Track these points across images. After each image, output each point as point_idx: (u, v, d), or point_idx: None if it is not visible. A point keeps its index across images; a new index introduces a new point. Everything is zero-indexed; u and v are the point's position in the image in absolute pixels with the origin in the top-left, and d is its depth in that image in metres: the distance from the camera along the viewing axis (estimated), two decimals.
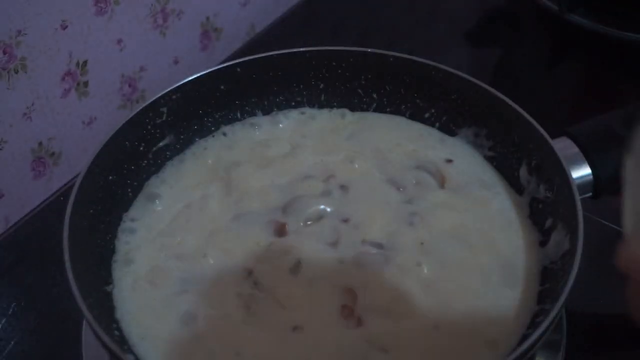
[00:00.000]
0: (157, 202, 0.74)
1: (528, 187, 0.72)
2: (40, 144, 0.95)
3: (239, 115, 0.82)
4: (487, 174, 0.75)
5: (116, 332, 0.62)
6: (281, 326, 0.62)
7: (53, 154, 0.97)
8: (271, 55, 0.80)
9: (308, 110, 0.83)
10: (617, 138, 0.70)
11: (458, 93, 0.78)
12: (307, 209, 0.71)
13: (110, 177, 0.71)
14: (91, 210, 0.68)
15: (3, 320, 0.77)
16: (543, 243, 0.68)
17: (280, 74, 0.81)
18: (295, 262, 0.67)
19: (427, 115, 0.81)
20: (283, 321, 0.63)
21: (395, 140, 0.79)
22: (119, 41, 1.00)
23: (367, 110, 0.83)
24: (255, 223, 0.70)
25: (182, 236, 0.70)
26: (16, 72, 0.88)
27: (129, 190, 0.74)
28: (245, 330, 0.62)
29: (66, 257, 0.61)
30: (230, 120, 0.81)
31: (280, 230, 0.70)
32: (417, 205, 0.72)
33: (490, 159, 0.77)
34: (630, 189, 0.46)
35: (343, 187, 0.74)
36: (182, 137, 0.79)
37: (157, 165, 0.77)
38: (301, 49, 0.80)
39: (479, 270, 0.66)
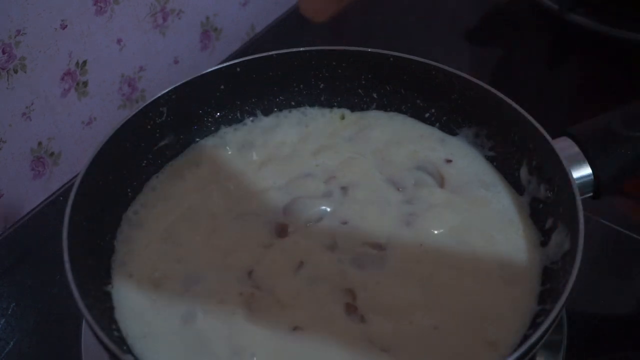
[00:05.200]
0: (157, 203, 0.74)
1: (528, 187, 0.72)
2: (39, 143, 0.95)
3: (239, 115, 0.82)
4: (488, 174, 0.75)
5: (115, 332, 0.62)
6: (282, 325, 0.62)
7: (52, 153, 0.97)
8: (271, 55, 0.80)
9: (308, 110, 0.83)
10: (617, 138, 0.71)
11: (458, 93, 0.77)
12: (308, 210, 0.71)
13: (110, 177, 0.71)
14: (91, 211, 0.68)
15: (2, 321, 0.77)
16: (544, 243, 0.68)
17: (280, 74, 0.81)
18: (295, 263, 0.67)
19: (427, 115, 0.80)
20: (284, 321, 0.63)
21: (396, 141, 0.79)
22: (119, 41, 1.00)
23: (367, 110, 0.83)
24: (256, 224, 0.70)
25: (183, 236, 0.70)
26: (16, 72, 0.87)
27: (129, 190, 0.74)
28: (246, 330, 0.62)
29: (66, 257, 0.61)
30: (230, 121, 0.81)
31: (281, 231, 0.70)
32: (416, 206, 0.72)
33: (490, 159, 0.77)
34: None
35: (343, 188, 0.74)
36: (182, 137, 0.79)
37: (157, 165, 0.77)
38: (301, 49, 0.80)
39: (479, 271, 0.66)
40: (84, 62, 0.97)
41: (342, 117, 0.82)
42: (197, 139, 0.80)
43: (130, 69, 1.04)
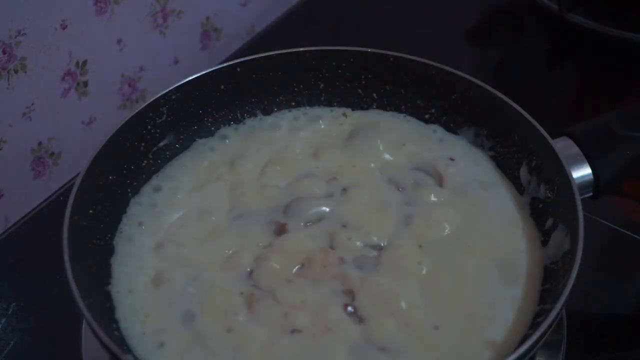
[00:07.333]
0: (157, 203, 0.74)
1: (528, 187, 0.72)
2: (40, 144, 0.95)
3: (239, 115, 0.82)
4: (487, 174, 0.75)
5: (116, 332, 0.62)
6: (281, 325, 0.62)
7: (53, 154, 0.97)
8: (271, 55, 0.80)
9: (308, 110, 0.83)
10: (617, 138, 0.71)
11: (458, 93, 0.78)
12: (308, 210, 0.71)
13: (110, 177, 0.71)
14: (91, 211, 0.68)
15: (3, 320, 0.77)
16: (544, 243, 0.68)
17: (280, 74, 0.81)
18: (295, 263, 0.67)
19: (427, 115, 0.80)
20: (283, 320, 0.63)
21: (396, 141, 0.79)
22: (119, 41, 1.00)
23: (367, 110, 0.83)
24: (256, 223, 0.70)
25: (183, 236, 0.70)
26: (16, 72, 0.88)
27: (129, 190, 0.74)
28: (246, 329, 0.62)
29: (66, 257, 0.61)
30: (230, 120, 0.81)
31: (281, 231, 0.70)
32: (416, 207, 0.72)
33: (490, 159, 0.76)
34: None
35: (343, 188, 0.74)
36: (182, 137, 0.79)
37: (157, 165, 0.77)
38: (301, 49, 0.80)
39: (479, 271, 0.66)
40: (84, 62, 0.97)
41: (343, 117, 0.82)
42: (197, 139, 0.80)
43: (130, 69, 1.04)
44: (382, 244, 0.68)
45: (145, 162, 0.76)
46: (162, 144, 0.77)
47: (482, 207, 0.72)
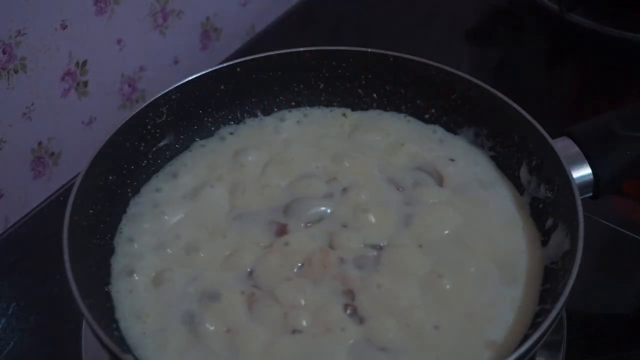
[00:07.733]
0: (157, 203, 0.74)
1: (528, 187, 0.72)
2: (40, 144, 0.95)
3: (239, 115, 0.82)
4: (487, 174, 0.75)
5: (116, 333, 0.62)
6: (281, 325, 0.62)
7: (53, 154, 0.97)
8: (271, 55, 0.80)
9: (308, 110, 0.83)
10: (617, 138, 0.71)
11: (458, 93, 0.78)
12: (308, 210, 0.71)
13: (110, 177, 0.71)
14: (91, 211, 0.68)
15: (3, 320, 0.77)
16: (544, 243, 0.68)
17: (280, 74, 0.81)
18: (295, 263, 0.67)
19: (427, 115, 0.81)
20: (283, 320, 0.63)
21: (396, 141, 0.79)
22: (119, 41, 1.00)
23: (367, 110, 0.83)
24: (256, 224, 0.70)
25: (183, 236, 0.70)
26: (16, 72, 0.88)
27: (129, 190, 0.74)
28: (246, 329, 0.62)
29: (66, 257, 0.61)
30: (230, 120, 0.81)
31: (281, 231, 0.70)
32: (416, 207, 0.72)
33: (490, 159, 0.76)
34: None
35: (343, 188, 0.74)
36: (182, 137, 0.79)
37: (157, 165, 0.77)
38: (301, 49, 0.80)
39: (479, 271, 0.66)
40: (84, 62, 0.97)
41: (343, 117, 0.82)
42: (197, 139, 0.80)
43: (130, 69, 1.05)
44: (382, 244, 0.68)
45: (145, 162, 0.76)
46: (162, 144, 0.77)
47: (482, 207, 0.72)
